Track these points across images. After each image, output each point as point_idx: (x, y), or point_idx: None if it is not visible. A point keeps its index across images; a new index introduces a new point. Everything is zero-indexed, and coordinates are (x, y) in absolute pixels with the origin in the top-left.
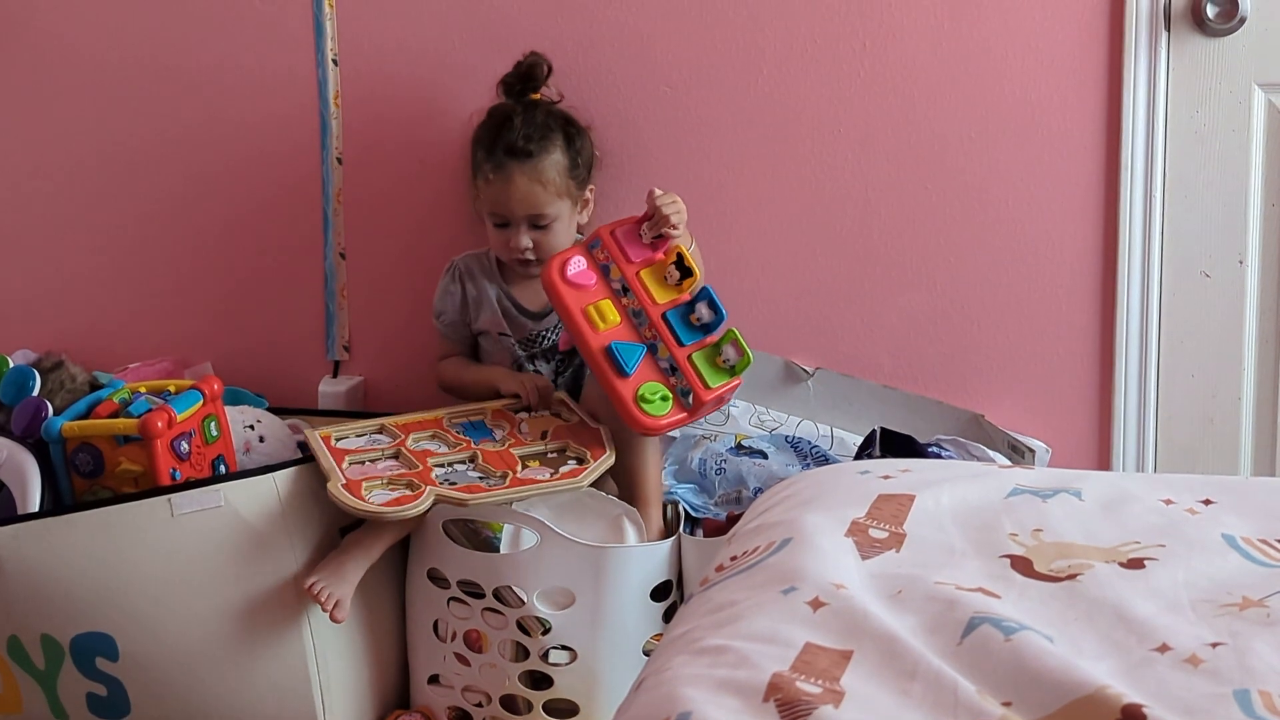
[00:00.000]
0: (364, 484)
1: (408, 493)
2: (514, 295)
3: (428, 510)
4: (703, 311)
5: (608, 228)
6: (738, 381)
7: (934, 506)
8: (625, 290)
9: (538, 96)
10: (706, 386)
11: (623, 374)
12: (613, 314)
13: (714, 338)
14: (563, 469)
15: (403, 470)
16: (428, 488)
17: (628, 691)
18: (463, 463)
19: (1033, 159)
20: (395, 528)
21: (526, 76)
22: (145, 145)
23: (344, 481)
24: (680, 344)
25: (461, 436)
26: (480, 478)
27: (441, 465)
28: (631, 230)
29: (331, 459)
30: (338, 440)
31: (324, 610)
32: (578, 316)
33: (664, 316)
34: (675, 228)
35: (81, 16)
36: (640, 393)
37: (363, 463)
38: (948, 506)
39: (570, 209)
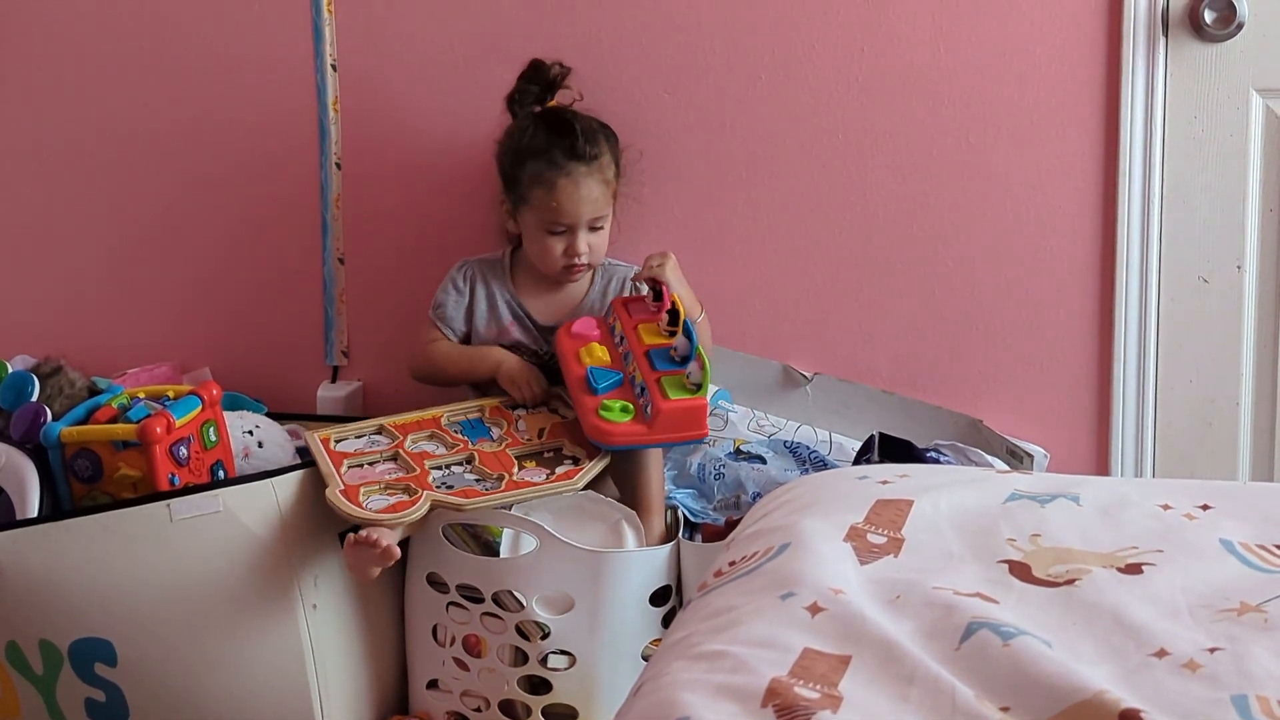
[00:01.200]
0: (361, 489)
1: (405, 498)
2: (525, 307)
3: (425, 515)
4: (680, 344)
5: (620, 299)
6: (700, 401)
7: (932, 512)
8: (623, 340)
9: (554, 103)
10: (665, 396)
11: (592, 392)
12: (602, 353)
13: (685, 370)
14: (559, 469)
15: (401, 474)
16: (424, 493)
17: (626, 696)
18: (459, 464)
19: (1031, 164)
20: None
21: (550, 84)
22: (144, 150)
23: (342, 487)
24: (653, 369)
25: (459, 437)
26: (477, 480)
27: (439, 468)
28: (641, 303)
29: (330, 463)
30: (337, 442)
31: (378, 548)
32: (569, 356)
33: (646, 353)
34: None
35: (81, 20)
36: (603, 403)
37: (361, 465)
38: (946, 512)
39: (613, 209)
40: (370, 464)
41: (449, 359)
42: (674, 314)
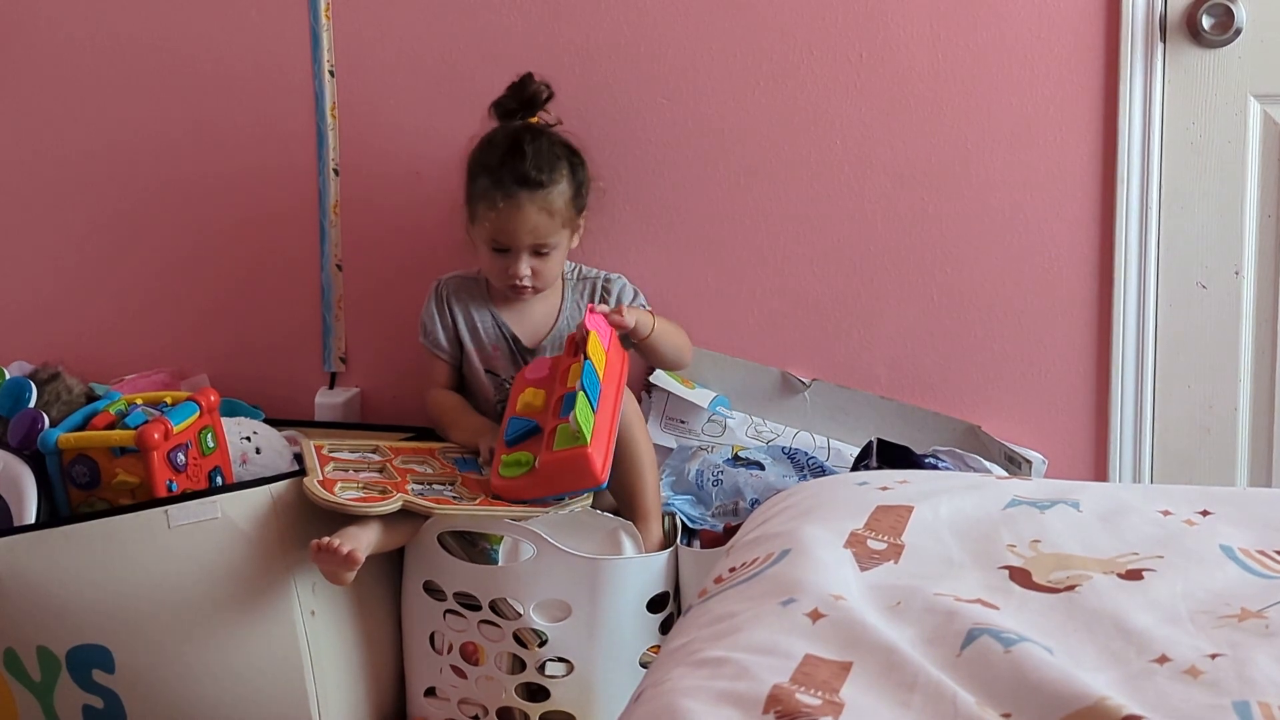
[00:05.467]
0: (338, 484)
1: (377, 494)
2: (508, 324)
3: (392, 512)
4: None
5: (571, 335)
6: (577, 452)
7: (932, 518)
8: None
9: (535, 121)
10: (550, 448)
11: (505, 444)
12: (534, 398)
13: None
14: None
15: (382, 480)
16: (398, 494)
17: (626, 703)
18: (441, 484)
19: (1029, 170)
20: (391, 529)
21: (529, 102)
22: (142, 156)
23: (320, 478)
24: (560, 414)
25: (450, 465)
26: (454, 497)
27: (420, 483)
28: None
29: (317, 460)
30: (330, 451)
31: (340, 554)
32: (511, 401)
33: (561, 397)
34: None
35: (80, 25)
36: (503, 459)
37: (347, 470)
38: (946, 518)
39: (568, 237)
40: (356, 471)
41: (443, 421)
42: (582, 345)
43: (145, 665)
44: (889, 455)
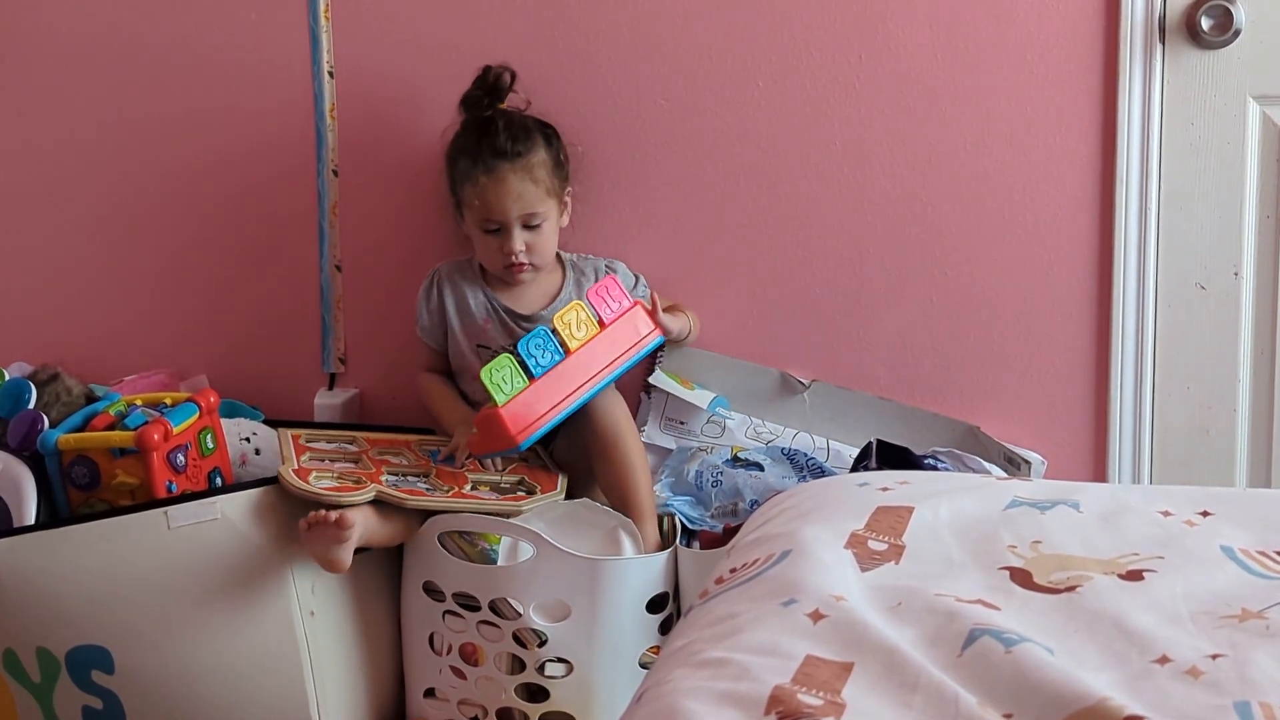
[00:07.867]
0: (313, 473)
1: (352, 484)
2: (501, 300)
3: (366, 502)
4: None
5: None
6: (492, 411)
7: (933, 518)
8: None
9: (504, 106)
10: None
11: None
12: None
13: None
14: (508, 495)
15: (356, 471)
16: (372, 485)
17: (626, 704)
18: (416, 475)
19: (1028, 171)
20: (383, 520)
21: (493, 89)
22: (141, 157)
23: (295, 467)
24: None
25: (425, 458)
26: (427, 489)
27: (395, 474)
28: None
29: (293, 450)
30: (307, 441)
31: (329, 520)
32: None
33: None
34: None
35: (77, 27)
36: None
37: (323, 460)
38: (946, 518)
39: (556, 209)
40: (331, 460)
41: (428, 401)
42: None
43: (145, 666)
44: (888, 456)
